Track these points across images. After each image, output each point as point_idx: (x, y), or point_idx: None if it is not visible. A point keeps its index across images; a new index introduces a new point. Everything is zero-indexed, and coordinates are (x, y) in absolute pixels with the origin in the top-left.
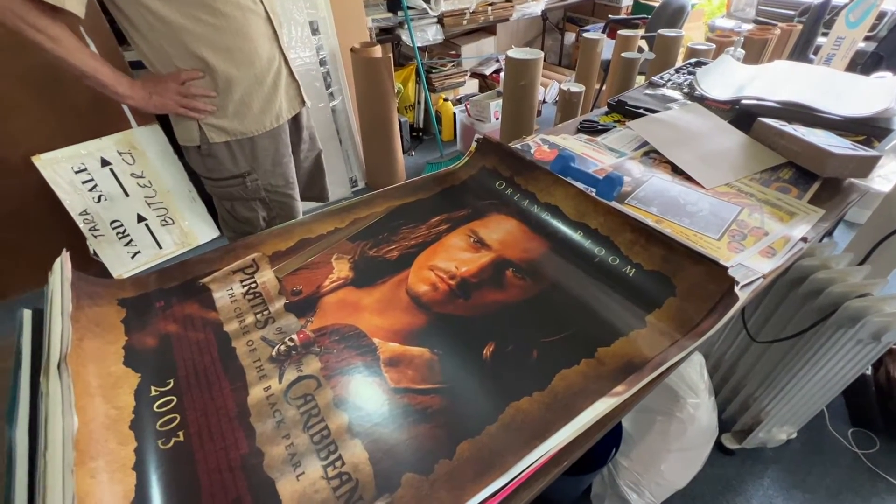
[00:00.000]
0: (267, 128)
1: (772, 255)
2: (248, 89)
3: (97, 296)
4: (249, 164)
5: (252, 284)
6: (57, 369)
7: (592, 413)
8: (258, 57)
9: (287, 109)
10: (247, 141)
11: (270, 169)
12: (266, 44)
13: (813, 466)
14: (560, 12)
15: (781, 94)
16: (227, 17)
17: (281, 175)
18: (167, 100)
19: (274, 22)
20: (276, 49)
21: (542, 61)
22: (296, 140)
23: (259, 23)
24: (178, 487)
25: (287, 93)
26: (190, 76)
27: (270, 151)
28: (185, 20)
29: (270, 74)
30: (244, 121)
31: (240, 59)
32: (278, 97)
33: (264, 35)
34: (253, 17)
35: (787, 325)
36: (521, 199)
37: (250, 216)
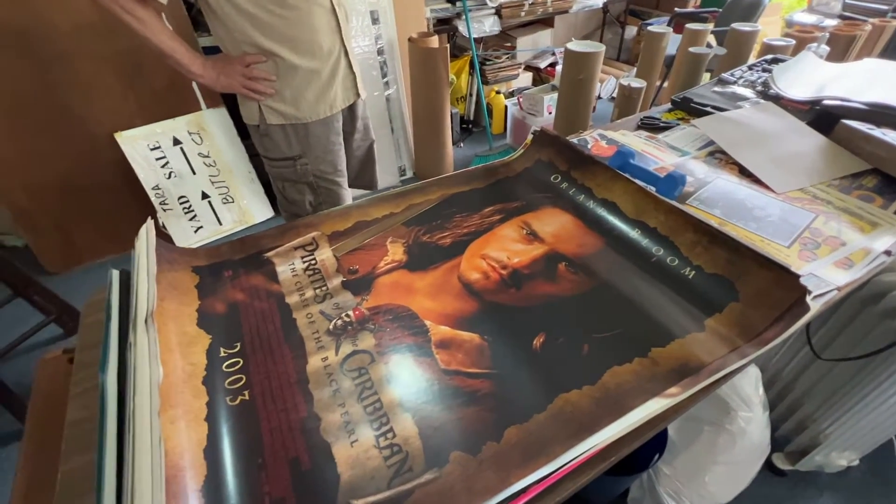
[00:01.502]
0: (320, 116)
1: (849, 267)
2: (306, 78)
3: (174, 262)
4: (301, 148)
5: (312, 261)
6: (144, 324)
7: (645, 412)
8: (319, 48)
9: (342, 99)
10: (301, 126)
11: (321, 155)
12: (328, 36)
13: (875, 498)
14: (622, 5)
15: (869, 95)
16: (295, 9)
17: (330, 162)
18: (233, 80)
19: (339, 14)
20: (337, 41)
21: (602, 55)
22: (349, 129)
23: (324, 15)
24: (243, 441)
25: (343, 84)
26: (254, 59)
27: (322, 138)
28: (256, 10)
29: (329, 65)
30: (299, 107)
31: (302, 50)
32: (334, 87)
33: (327, 27)
34: (318, 10)
35: (858, 344)
36: (576, 193)
37: (298, 198)
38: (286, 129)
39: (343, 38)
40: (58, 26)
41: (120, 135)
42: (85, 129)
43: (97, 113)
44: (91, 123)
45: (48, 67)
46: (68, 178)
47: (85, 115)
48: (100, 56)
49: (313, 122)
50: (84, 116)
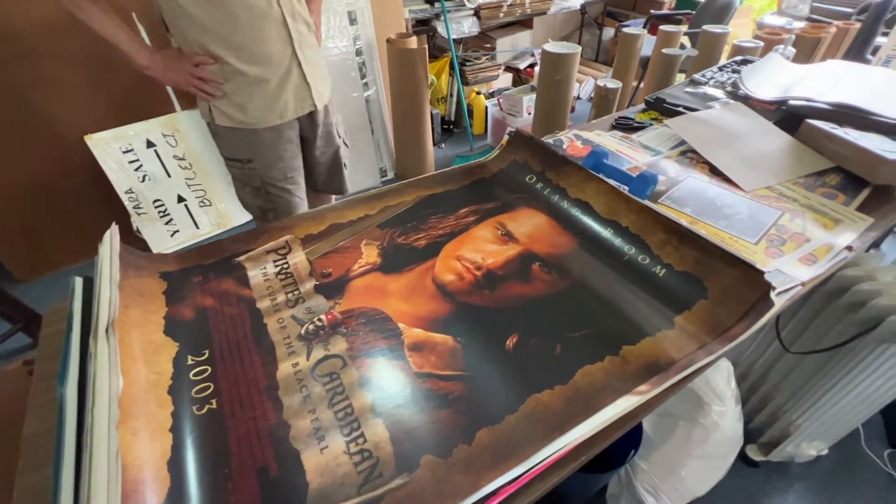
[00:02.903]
0: (269, 123)
1: (812, 263)
2: (254, 85)
3: (141, 268)
4: (249, 152)
5: (284, 265)
6: (105, 333)
7: (614, 410)
8: (267, 57)
9: (294, 109)
10: (250, 131)
11: (270, 162)
12: (278, 46)
13: (843, 486)
14: (600, 6)
15: (833, 96)
16: (236, 16)
17: (280, 169)
18: (180, 77)
19: (291, 26)
20: (288, 52)
21: (578, 56)
22: (310, 136)
23: (273, 26)
24: (210, 451)
25: (296, 94)
26: (203, 60)
27: (271, 145)
28: (200, 14)
29: (278, 74)
30: (247, 112)
31: (248, 57)
32: (284, 97)
33: (277, 38)
34: (265, 20)
35: (825, 337)
36: (551, 193)
37: (250, 202)
38: (234, 131)
39: (296, 49)
40: (21, 25)
41: (90, 137)
42: (53, 132)
43: (65, 115)
44: (59, 126)
45: (12, 68)
46: (36, 183)
47: (53, 116)
48: (67, 55)
49: (262, 128)
50: (52, 118)
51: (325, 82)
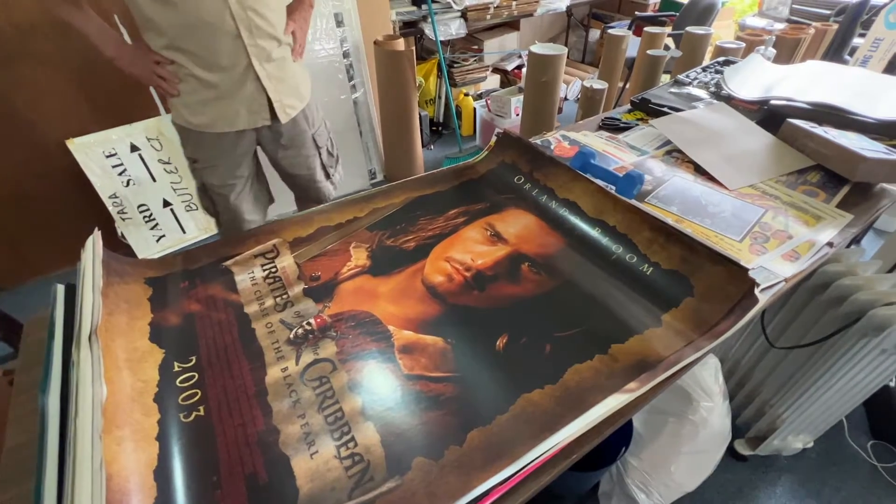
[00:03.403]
0: (216, 129)
1: (795, 259)
2: (204, 91)
3: (126, 274)
4: (195, 153)
5: (272, 269)
6: (88, 341)
7: (603, 408)
8: (218, 67)
9: (247, 121)
10: (198, 133)
11: (211, 165)
12: (230, 58)
13: (829, 477)
14: (585, 8)
15: (812, 96)
16: (189, 24)
17: (219, 175)
18: (143, 70)
19: (247, 40)
20: (242, 64)
21: (565, 57)
22: (272, 149)
23: (225, 38)
24: (197, 459)
25: (250, 106)
26: (163, 59)
27: (214, 150)
28: (156, 16)
29: (227, 85)
30: (194, 114)
31: (199, 63)
32: (234, 107)
33: (230, 50)
34: (217, 33)
35: (808, 332)
36: (539, 194)
37: (199, 201)
38: (187, 131)
39: (253, 63)
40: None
41: (72, 142)
42: (33, 136)
43: (47, 119)
44: (40, 130)
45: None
46: (16, 188)
47: (33, 120)
48: (48, 58)
49: (209, 132)
50: (32, 122)
51: (297, 96)
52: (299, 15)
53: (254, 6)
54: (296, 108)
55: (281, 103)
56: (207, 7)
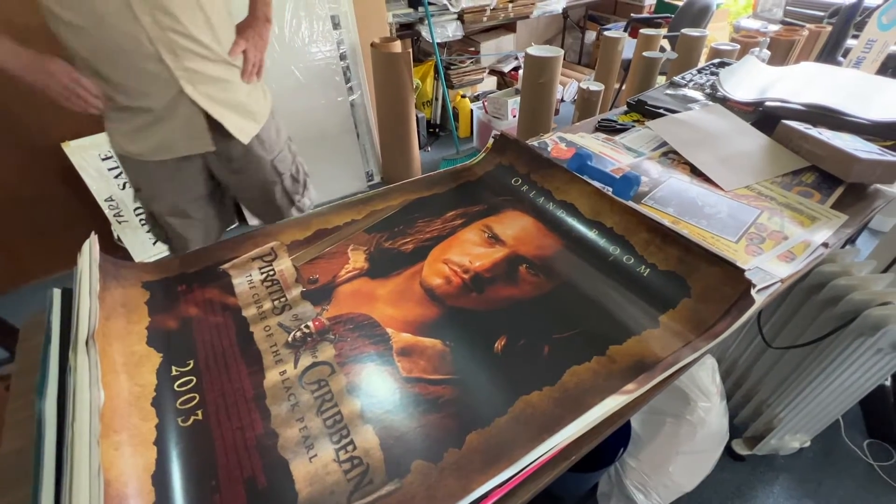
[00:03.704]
0: (155, 157)
1: (791, 260)
2: (132, 117)
3: (122, 278)
4: (137, 182)
5: (270, 272)
6: (85, 346)
7: (602, 410)
8: (139, 92)
9: (186, 147)
10: (134, 161)
11: (156, 194)
12: (153, 84)
13: (826, 476)
14: (581, 10)
15: (807, 97)
16: (104, 49)
17: (166, 203)
18: (51, 80)
19: (171, 63)
20: (171, 90)
21: (561, 59)
22: (221, 174)
23: (146, 63)
24: (196, 463)
25: (188, 133)
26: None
27: (158, 179)
28: (70, 38)
29: (159, 110)
30: (130, 143)
31: (121, 90)
32: (170, 133)
33: (152, 75)
34: (134, 57)
35: (805, 332)
36: (536, 196)
37: (153, 229)
38: (125, 158)
39: (184, 87)
40: None
41: (67, 144)
42: (28, 139)
43: (42, 121)
44: (35, 133)
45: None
46: (11, 191)
47: (28, 123)
48: None
49: (148, 160)
50: (27, 125)
51: (249, 118)
52: (252, 32)
53: (175, 27)
54: (247, 131)
55: (235, 126)
56: (120, 31)
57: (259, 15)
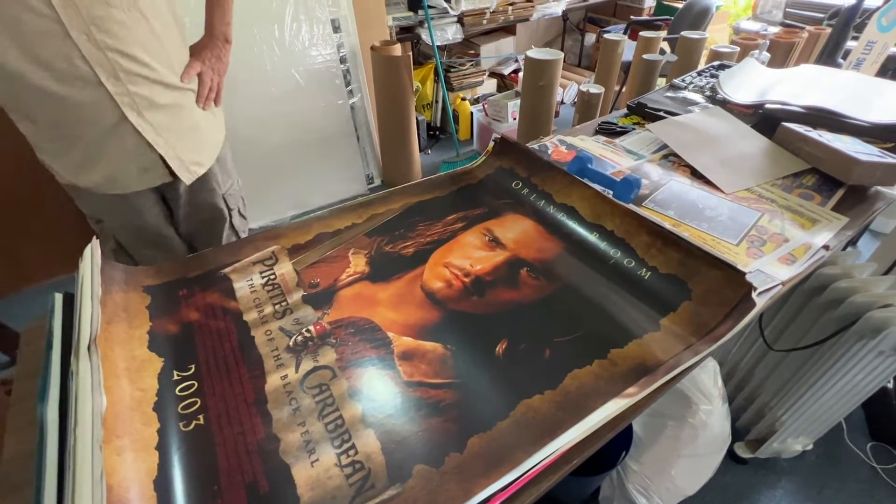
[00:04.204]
0: (108, 191)
1: (792, 262)
2: (71, 149)
3: (124, 282)
4: (96, 213)
5: (271, 276)
6: (87, 350)
7: (603, 413)
8: (65, 121)
9: (138, 181)
10: (88, 193)
11: (121, 225)
12: (90, 110)
13: (829, 480)
14: (581, 13)
15: (807, 99)
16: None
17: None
18: None
19: (112, 87)
20: (111, 116)
21: (561, 62)
22: (174, 206)
23: (78, 86)
24: (197, 468)
25: (137, 163)
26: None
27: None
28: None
29: (99, 141)
30: (76, 175)
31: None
32: (118, 166)
33: (83, 102)
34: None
35: (806, 335)
36: (537, 199)
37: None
38: (74, 188)
39: (126, 112)
40: None
41: None
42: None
43: None
44: None
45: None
46: (11, 195)
47: None
48: None
49: (103, 193)
50: None
51: (202, 150)
52: (210, 54)
53: (117, 46)
54: (202, 164)
55: (179, 160)
56: (47, 50)
57: (217, 34)
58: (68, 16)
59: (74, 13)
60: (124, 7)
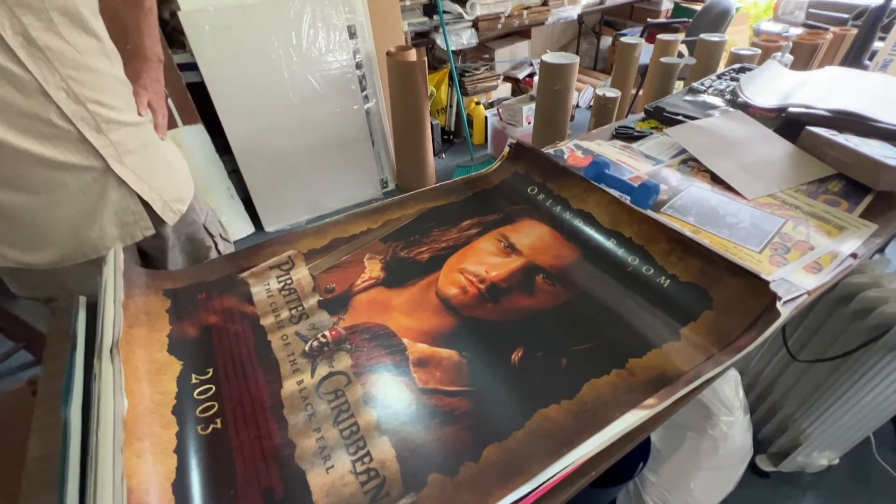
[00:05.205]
0: (73, 262)
1: (818, 271)
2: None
3: (145, 286)
4: (48, 291)
5: (287, 281)
6: (109, 354)
7: (622, 425)
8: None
9: (120, 236)
10: (39, 272)
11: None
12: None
13: (856, 496)
14: (597, 16)
15: (832, 102)
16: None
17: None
18: None
19: (96, 141)
20: (90, 172)
21: (577, 66)
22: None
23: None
24: (215, 472)
25: (120, 218)
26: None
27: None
28: None
29: (77, 206)
30: (27, 251)
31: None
32: (94, 226)
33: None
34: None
35: (832, 345)
36: (553, 204)
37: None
38: (17, 271)
39: (110, 163)
40: None
41: None
42: None
43: None
44: None
45: None
46: None
47: None
48: None
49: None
50: None
51: (177, 188)
52: (147, 77)
53: (95, 97)
54: (183, 200)
55: (163, 202)
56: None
57: (151, 56)
58: (47, 75)
59: (46, 66)
60: (94, 53)
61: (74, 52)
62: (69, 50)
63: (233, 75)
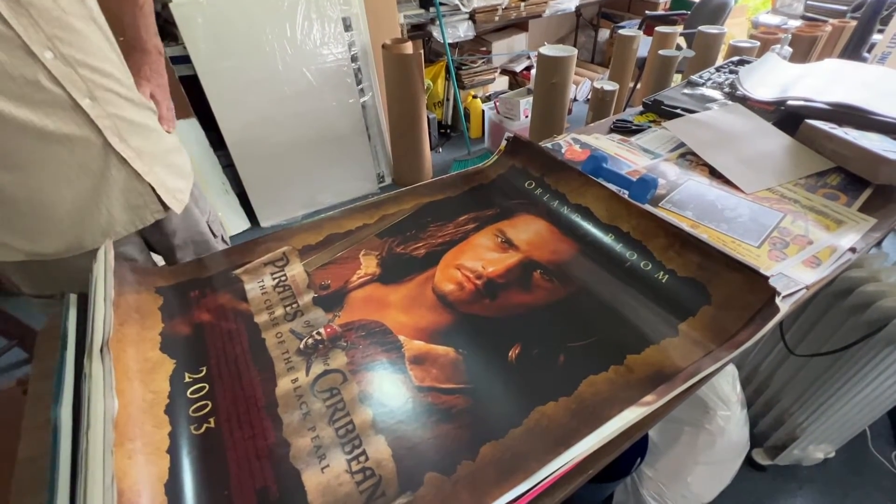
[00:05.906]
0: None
1: (816, 266)
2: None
3: (137, 283)
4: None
5: (282, 277)
6: (100, 353)
7: (620, 422)
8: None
9: (128, 222)
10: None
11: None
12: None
13: (851, 489)
14: (594, 8)
15: (831, 95)
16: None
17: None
18: None
19: (91, 110)
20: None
21: (575, 59)
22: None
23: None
24: (208, 472)
25: (126, 199)
26: None
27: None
28: None
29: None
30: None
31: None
32: (99, 209)
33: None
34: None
35: (830, 340)
36: (550, 199)
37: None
38: (20, 265)
39: (110, 141)
40: None
41: None
42: None
43: None
44: None
45: None
46: None
47: None
48: None
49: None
50: None
51: (181, 175)
52: (149, 69)
53: (87, 61)
54: (184, 191)
55: (166, 188)
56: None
57: (150, 48)
58: (23, 25)
59: (30, 23)
60: (81, 16)
61: (59, 10)
62: (53, 8)
63: (226, 68)
